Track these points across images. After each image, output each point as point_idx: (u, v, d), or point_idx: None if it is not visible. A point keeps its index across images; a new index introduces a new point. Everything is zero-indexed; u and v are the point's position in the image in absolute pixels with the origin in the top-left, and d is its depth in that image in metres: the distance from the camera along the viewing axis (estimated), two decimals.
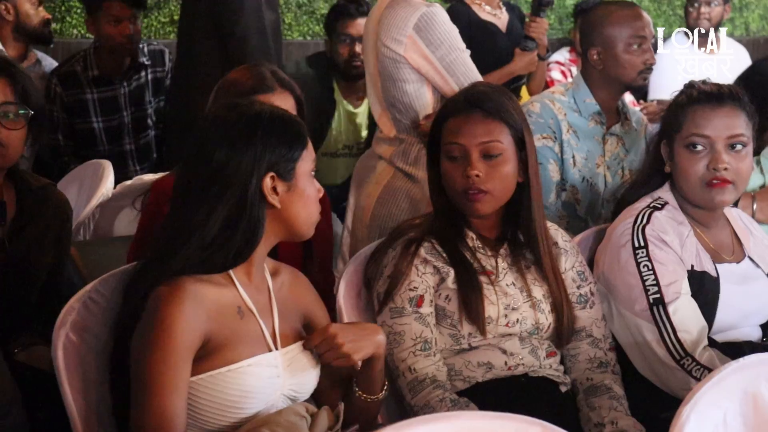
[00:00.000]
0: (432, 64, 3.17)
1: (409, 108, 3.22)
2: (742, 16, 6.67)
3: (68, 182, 3.64)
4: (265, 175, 2.00)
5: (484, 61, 4.11)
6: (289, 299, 2.15)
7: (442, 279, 2.38)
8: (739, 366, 1.88)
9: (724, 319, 2.56)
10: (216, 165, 1.99)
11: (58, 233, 2.58)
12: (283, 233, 2.09)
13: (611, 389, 2.44)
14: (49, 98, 4.24)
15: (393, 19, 3.16)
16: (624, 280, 2.53)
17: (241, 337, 2.01)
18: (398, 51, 3.16)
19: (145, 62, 4.36)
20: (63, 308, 2.09)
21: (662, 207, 2.61)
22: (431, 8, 3.17)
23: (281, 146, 2.02)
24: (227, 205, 1.98)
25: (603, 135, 3.29)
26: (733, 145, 2.55)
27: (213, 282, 2.00)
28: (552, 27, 6.34)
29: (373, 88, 3.33)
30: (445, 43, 3.17)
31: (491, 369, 2.38)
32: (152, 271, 2.00)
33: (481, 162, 2.38)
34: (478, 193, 2.38)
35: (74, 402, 2.04)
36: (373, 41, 3.25)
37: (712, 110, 2.56)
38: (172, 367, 1.91)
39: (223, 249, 1.99)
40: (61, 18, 5.25)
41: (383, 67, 3.21)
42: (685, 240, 2.57)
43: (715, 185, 2.54)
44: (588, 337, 2.50)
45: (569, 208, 3.26)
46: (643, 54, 3.24)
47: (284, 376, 2.04)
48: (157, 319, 1.93)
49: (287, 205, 2.04)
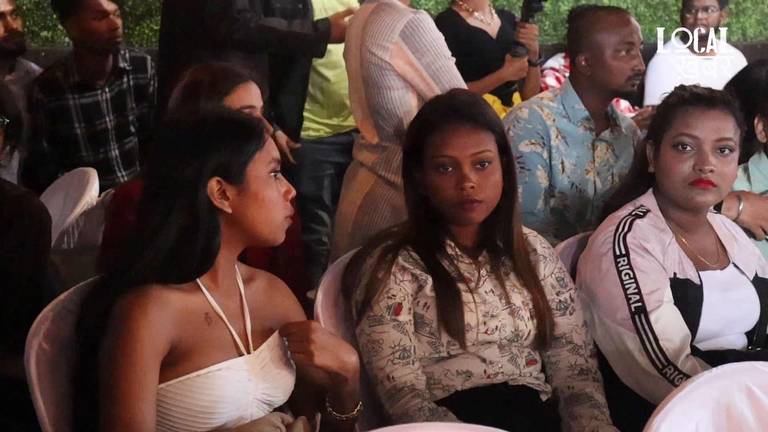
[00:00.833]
0: (418, 71, 3.15)
1: (393, 115, 3.21)
2: (739, 21, 6.65)
3: (54, 190, 3.65)
4: (210, 179, 1.98)
5: (472, 68, 4.11)
6: (265, 305, 2.13)
7: (420, 287, 2.37)
8: (712, 376, 1.87)
9: (708, 326, 2.54)
10: (163, 173, 1.98)
11: (36, 243, 2.56)
12: (246, 238, 2.06)
13: (592, 397, 2.42)
14: (31, 106, 4.24)
15: (379, 25, 3.15)
16: (605, 289, 2.52)
17: (210, 343, 1.99)
18: (384, 57, 3.15)
19: (126, 68, 4.36)
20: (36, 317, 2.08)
21: (644, 215, 2.60)
22: (417, 15, 3.16)
23: (226, 148, 1.99)
24: (179, 213, 1.97)
25: (592, 141, 3.28)
26: (722, 149, 2.54)
27: (179, 288, 1.99)
28: (546, 33, 6.34)
29: (356, 94, 3.31)
30: (431, 51, 3.15)
31: (470, 377, 2.37)
32: (113, 282, 1.99)
33: (474, 172, 2.37)
34: (473, 202, 2.37)
35: (46, 411, 2.02)
36: (357, 47, 3.24)
37: (702, 112, 2.56)
38: (139, 374, 1.89)
39: (182, 259, 1.98)
40: (53, 26, 5.25)
41: (368, 74, 3.20)
42: (667, 247, 2.56)
43: (699, 185, 2.54)
44: (568, 343, 2.48)
45: (558, 214, 3.25)
46: (632, 60, 3.23)
47: (255, 380, 2.03)
48: (123, 327, 1.92)
49: (240, 209, 2.01)
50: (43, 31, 5.23)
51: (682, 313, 2.50)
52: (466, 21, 4.24)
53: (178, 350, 1.96)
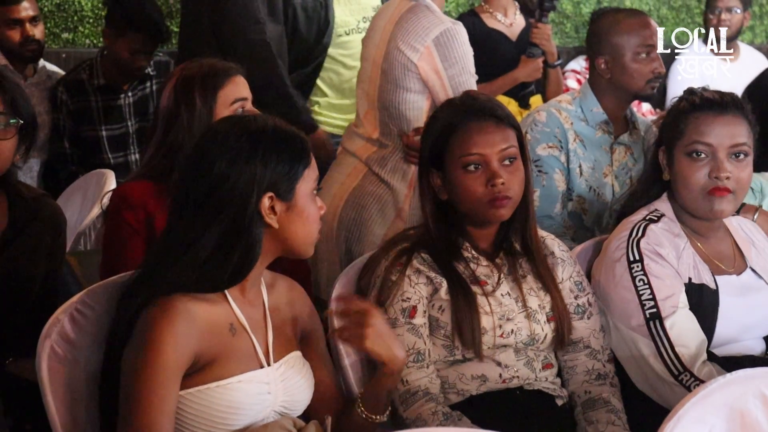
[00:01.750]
0: (441, 80, 3.16)
1: (402, 116, 3.21)
2: (763, 24, 6.60)
3: (73, 191, 3.66)
4: (264, 194, 1.97)
5: (485, 69, 4.10)
6: (285, 313, 2.13)
7: (435, 289, 2.36)
8: (726, 381, 1.85)
9: (724, 332, 2.52)
10: (214, 180, 1.96)
11: (50, 245, 2.57)
12: (280, 251, 2.06)
13: (609, 402, 2.41)
14: (55, 106, 4.28)
15: (414, 25, 3.15)
16: (620, 295, 2.50)
17: (232, 354, 1.99)
18: (412, 58, 3.15)
19: (151, 73, 4.38)
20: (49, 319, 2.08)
21: (658, 219, 2.58)
22: (455, 26, 3.18)
23: (282, 165, 1.98)
24: (223, 223, 1.95)
25: (611, 144, 3.27)
26: (736, 154, 2.52)
27: (206, 299, 1.98)
28: (568, 35, 6.31)
29: (367, 83, 3.29)
30: (459, 64, 3.16)
31: (485, 382, 2.36)
32: (145, 287, 1.97)
33: (502, 169, 2.37)
34: (504, 199, 2.36)
35: (57, 414, 2.03)
36: (384, 40, 3.23)
37: (714, 118, 2.53)
38: (160, 386, 1.89)
39: (218, 269, 1.96)
40: (74, 27, 5.26)
41: (390, 69, 3.19)
42: (682, 252, 2.53)
43: (717, 193, 2.51)
44: (586, 348, 2.47)
45: (576, 218, 3.24)
46: (651, 63, 3.22)
47: (276, 393, 2.03)
48: (149, 339, 1.91)
49: (285, 225, 2.01)
50: (64, 33, 5.24)
51: (698, 319, 2.48)
52: (485, 23, 4.23)
53: (200, 361, 1.95)
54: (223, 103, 2.61)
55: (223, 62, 2.68)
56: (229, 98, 2.61)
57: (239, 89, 2.64)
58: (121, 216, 2.59)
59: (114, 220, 2.63)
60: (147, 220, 2.58)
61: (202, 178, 1.97)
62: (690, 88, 2.62)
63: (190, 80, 2.63)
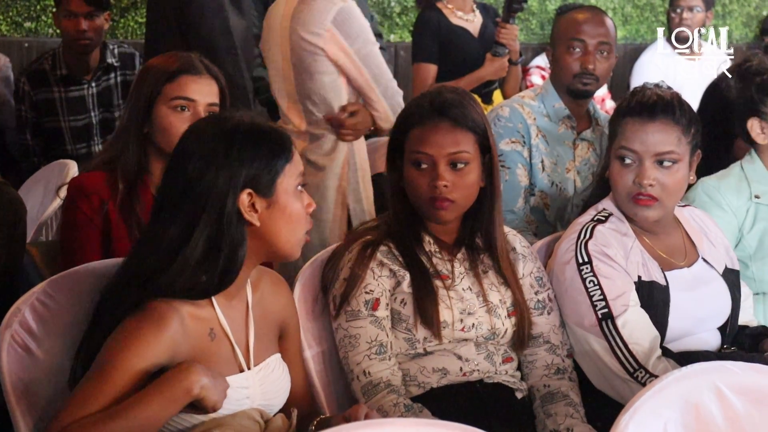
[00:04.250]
0: (349, 57, 3.27)
1: (324, 100, 3.31)
2: (725, 24, 6.67)
3: (34, 182, 3.64)
4: (242, 191, 1.95)
5: (453, 66, 4.11)
6: (267, 311, 2.12)
7: (398, 282, 2.37)
8: (681, 375, 1.86)
9: (678, 326, 2.54)
10: (190, 179, 1.93)
11: (10, 233, 2.54)
12: (265, 253, 2.03)
13: (568, 396, 2.43)
14: (17, 97, 4.25)
15: (310, 13, 3.26)
16: (571, 297, 2.51)
17: (210, 359, 1.96)
18: (318, 44, 3.25)
19: (114, 63, 4.36)
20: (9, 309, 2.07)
21: (606, 219, 2.59)
22: (347, 3, 3.29)
23: (259, 161, 1.96)
24: (207, 224, 1.92)
25: (573, 140, 3.28)
26: (662, 161, 2.52)
27: (192, 302, 1.95)
28: (534, 32, 6.34)
29: (283, 82, 3.37)
30: (361, 37, 3.29)
31: (446, 375, 2.37)
32: (135, 291, 1.93)
33: (448, 172, 2.37)
34: (444, 201, 2.37)
35: (17, 404, 2.02)
36: (283, 35, 3.31)
37: (642, 124, 2.52)
38: (109, 384, 1.84)
39: (207, 273, 1.93)
40: (36, 17, 5.23)
41: (299, 60, 3.29)
42: (630, 251, 2.54)
43: (639, 201, 2.52)
44: (546, 343, 2.49)
45: (538, 213, 3.25)
46: (581, 57, 3.20)
47: (254, 397, 2.02)
48: (123, 338, 1.88)
49: (268, 223, 1.98)
50: (26, 21, 5.20)
51: (650, 315, 2.49)
52: (449, 19, 4.24)
53: (175, 363, 1.90)
54: (165, 97, 2.61)
55: (195, 60, 2.66)
56: (170, 94, 2.61)
57: (189, 89, 2.61)
58: (75, 205, 2.61)
59: (69, 209, 2.64)
60: (101, 209, 2.60)
61: (178, 179, 1.95)
62: (639, 86, 2.61)
63: (149, 68, 2.65)
